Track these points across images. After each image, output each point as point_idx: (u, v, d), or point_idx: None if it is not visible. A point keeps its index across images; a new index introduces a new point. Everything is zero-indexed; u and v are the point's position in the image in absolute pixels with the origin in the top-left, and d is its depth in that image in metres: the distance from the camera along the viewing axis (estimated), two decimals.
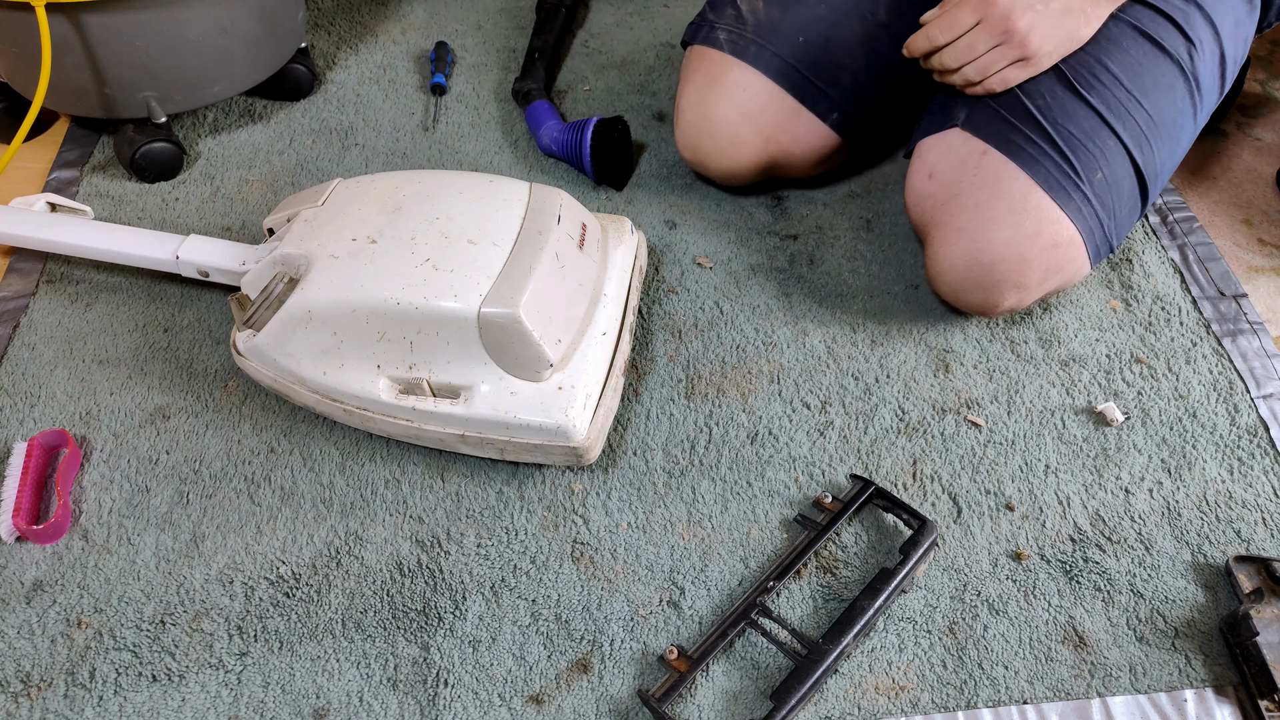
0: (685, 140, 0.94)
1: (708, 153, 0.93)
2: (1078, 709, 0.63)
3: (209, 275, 0.83)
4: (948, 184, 0.80)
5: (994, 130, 0.78)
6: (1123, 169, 0.76)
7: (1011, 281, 0.78)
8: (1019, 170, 0.76)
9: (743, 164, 0.92)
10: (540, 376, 0.70)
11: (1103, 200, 0.76)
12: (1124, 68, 0.76)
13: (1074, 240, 0.77)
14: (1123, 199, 0.78)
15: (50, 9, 0.86)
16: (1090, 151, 0.76)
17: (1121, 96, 0.76)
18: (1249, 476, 0.75)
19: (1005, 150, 0.77)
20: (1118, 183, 0.77)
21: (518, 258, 0.70)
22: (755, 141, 0.91)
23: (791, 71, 0.88)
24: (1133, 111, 0.76)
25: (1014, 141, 0.77)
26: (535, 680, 0.64)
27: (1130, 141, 0.76)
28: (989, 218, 0.77)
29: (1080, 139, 0.76)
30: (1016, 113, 0.77)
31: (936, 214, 0.81)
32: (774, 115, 0.89)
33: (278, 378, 0.74)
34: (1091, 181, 0.76)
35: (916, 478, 0.75)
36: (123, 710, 0.62)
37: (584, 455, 0.71)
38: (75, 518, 0.71)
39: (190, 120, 1.06)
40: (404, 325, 0.69)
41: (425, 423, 0.71)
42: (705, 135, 0.92)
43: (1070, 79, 0.77)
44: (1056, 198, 0.75)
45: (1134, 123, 0.76)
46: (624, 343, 0.78)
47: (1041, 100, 0.77)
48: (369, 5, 1.25)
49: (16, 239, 0.87)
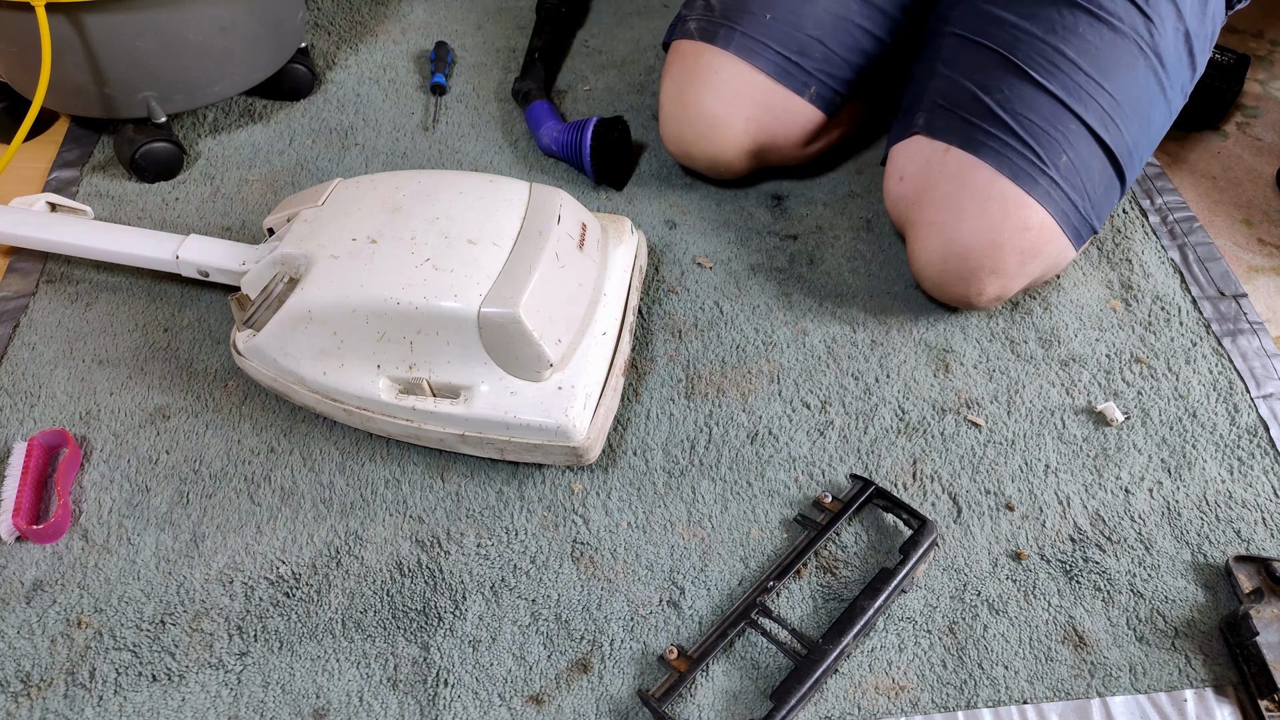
0: (668, 133, 0.95)
1: (690, 141, 0.93)
2: (1078, 709, 0.63)
3: (209, 275, 0.83)
4: (916, 184, 0.83)
5: (952, 130, 0.80)
6: (1089, 150, 0.78)
7: (988, 267, 0.79)
8: (980, 162, 0.78)
9: (728, 150, 0.93)
10: (540, 376, 0.70)
11: (1071, 182, 0.78)
12: (1080, 52, 0.78)
13: (1046, 223, 0.78)
14: (1094, 179, 0.79)
15: (50, 9, 0.86)
16: (1052, 136, 0.77)
17: (1080, 80, 0.77)
18: (1249, 476, 0.75)
19: (966, 146, 0.79)
20: (1085, 164, 0.78)
21: (518, 258, 0.70)
22: (736, 124, 0.91)
23: (763, 49, 0.89)
24: (1094, 94, 0.77)
25: (973, 137, 0.79)
26: (535, 680, 0.64)
27: (1094, 123, 0.77)
28: (956, 208, 0.79)
29: (1041, 125, 0.77)
30: (975, 110, 0.80)
31: (910, 212, 0.83)
32: (750, 95, 0.90)
33: (278, 378, 0.74)
34: (1057, 165, 0.77)
35: (916, 478, 0.75)
36: (123, 710, 0.62)
37: (584, 455, 0.71)
38: (75, 518, 0.71)
39: (190, 120, 1.06)
40: (404, 325, 0.69)
41: (425, 423, 0.71)
42: (685, 123, 0.93)
43: (1026, 70, 0.79)
44: (1022, 183, 0.77)
45: (1096, 105, 0.77)
46: (624, 342, 0.78)
47: (1000, 94, 0.79)
48: (369, 5, 1.25)
49: (16, 239, 0.87)
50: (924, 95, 0.85)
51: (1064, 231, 0.79)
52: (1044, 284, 0.89)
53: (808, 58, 0.90)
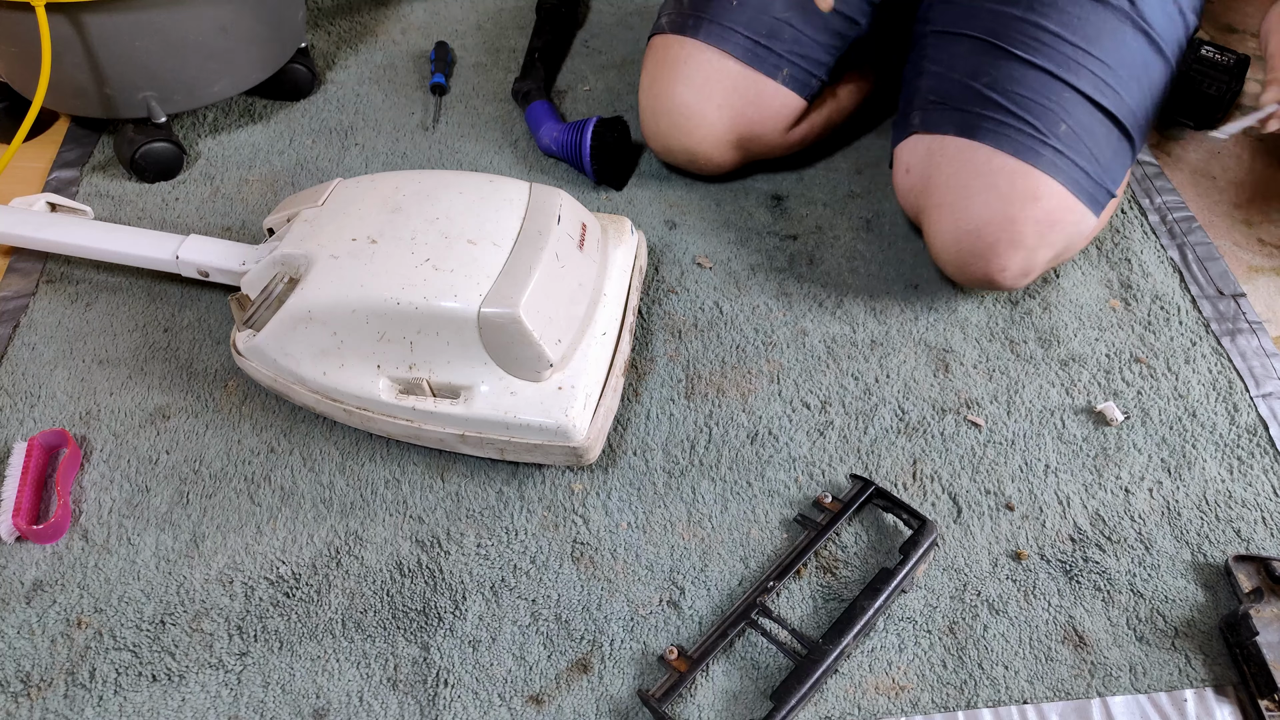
0: (647, 129, 0.95)
1: (666, 133, 0.93)
2: (1078, 709, 0.63)
3: (209, 275, 0.83)
4: (922, 173, 0.84)
5: (947, 120, 0.82)
6: (1089, 116, 0.78)
7: (1005, 240, 0.79)
8: (978, 144, 0.79)
9: (705, 140, 0.93)
10: (540, 376, 0.70)
11: (1075, 149, 0.78)
12: (1063, 25, 0.79)
13: (1057, 191, 0.78)
14: (1099, 144, 0.79)
15: (50, 9, 0.86)
16: (1047, 108, 0.78)
17: (1067, 50, 0.78)
18: (1248, 476, 0.75)
19: (962, 132, 0.80)
20: (1087, 129, 0.78)
21: (518, 258, 0.70)
22: (709, 113, 0.91)
23: (730, 34, 0.89)
24: (1083, 62, 0.78)
25: (968, 122, 0.80)
26: (535, 680, 0.64)
27: (1089, 89, 0.78)
28: (961, 188, 0.79)
29: (1033, 99, 0.78)
30: (966, 98, 0.81)
31: (920, 200, 0.84)
32: (720, 81, 0.90)
33: (278, 378, 0.74)
34: (1056, 134, 0.78)
35: (916, 478, 0.75)
36: (123, 710, 0.62)
37: (584, 455, 0.71)
38: (75, 518, 0.71)
39: (190, 120, 1.06)
40: (404, 325, 0.69)
41: (425, 423, 0.71)
42: (660, 115, 0.93)
43: (1009, 50, 0.79)
44: (1023, 156, 0.78)
45: (1088, 72, 0.78)
46: (624, 343, 0.78)
47: (987, 76, 0.80)
48: (369, 5, 1.25)
49: (16, 239, 0.87)
50: (916, 95, 0.86)
51: (1078, 198, 0.79)
52: (1067, 259, 0.88)
53: (778, 40, 0.90)
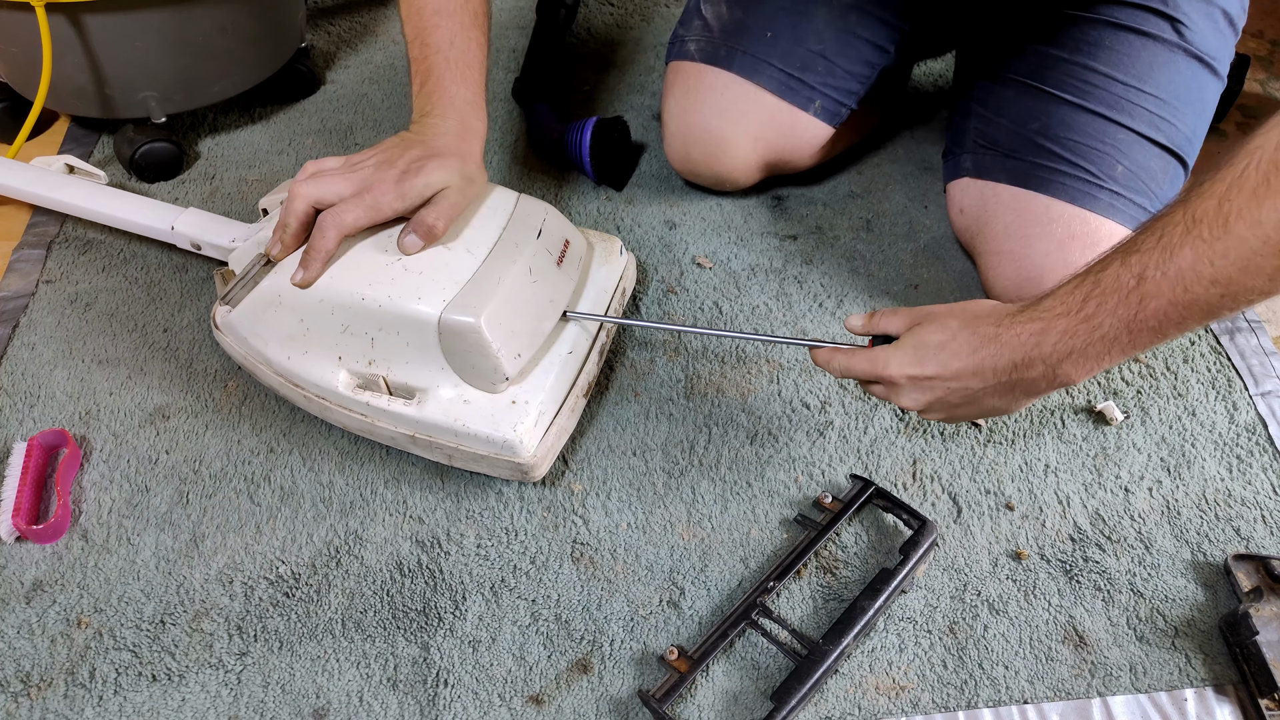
0: (674, 153, 0.95)
1: (698, 161, 0.93)
2: (1078, 709, 0.63)
3: (201, 249, 0.84)
4: (976, 216, 0.85)
5: (999, 167, 0.82)
6: (1144, 153, 0.78)
7: None
8: (1033, 193, 0.79)
9: (737, 169, 0.92)
10: (496, 388, 0.70)
11: (1132, 187, 0.78)
12: (1113, 65, 0.78)
13: (1117, 232, 0.78)
14: (1156, 178, 0.79)
15: (50, 9, 0.86)
16: (1102, 151, 0.77)
17: (1119, 91, 0.77)
18: (1248, 474, 0.75)
19: (1016, 181, 0.80)
20: (1144, 167, 0.78)
21: (489, 267, 0.70)
22: (743, 144, 0.91)
23: (765, 67, 0.89)
24: (1137, 100, 0.77)
25: (1021, 171, 0.80)
26: (535, 680, 0.64)
27: (1144, 128, 0.77)
28: (1022, 237, 0.80)
29: (1087, 144, 0.77)
30: (1015, 145, 0.80)
31: (975, 242, 0.86)
32: (756, 114, 0.90)
33: (247, 355, 0.75)
34: (1113, 177, 0.77)
35: (916, 478, 0.75)
36: (123, 710, 0.62)
37: (530, 472, 0.70)
38: (75, 518, 0.71)
39: (190, 120, 1.06)
40: (367, 321, 0.69)
41: (378, 419, 0.71)
42: (692, 144, 0.92)
43: (1060, 95, 0.79)
44: (1079, 203, 0.77)
45: (1142, 110, 0.77)
46: (591, 363, 0.77)
47: (1038, 123, 0.80)
48: (369, 5, 1.25)
49: (30, 195, 0.89)
50: (965, 136, 0.86)
51: None
52: None
53: (810, 72, 0.89)
